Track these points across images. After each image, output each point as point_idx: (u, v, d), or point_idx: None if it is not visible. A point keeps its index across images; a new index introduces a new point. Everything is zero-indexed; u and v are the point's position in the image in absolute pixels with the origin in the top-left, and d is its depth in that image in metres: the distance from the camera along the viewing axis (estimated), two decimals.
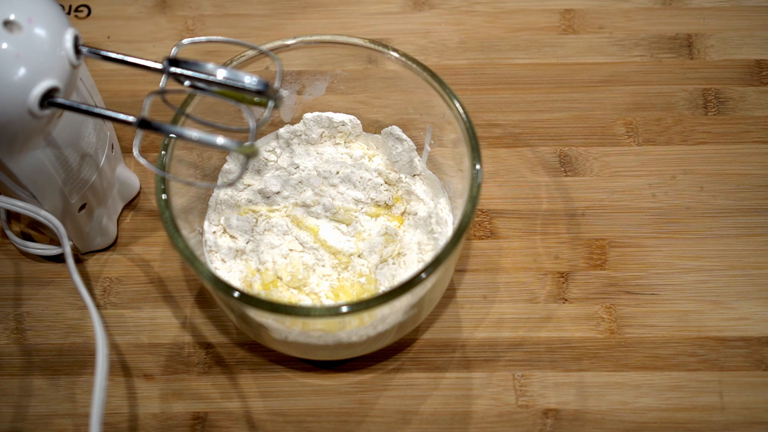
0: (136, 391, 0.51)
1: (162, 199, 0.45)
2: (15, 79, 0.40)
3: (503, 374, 0.51)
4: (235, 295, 0.43)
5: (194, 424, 0.50)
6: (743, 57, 0.62)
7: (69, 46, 0.42)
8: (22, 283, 0.55)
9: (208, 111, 0.49)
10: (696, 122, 0.60)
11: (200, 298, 0.54)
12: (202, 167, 0.52)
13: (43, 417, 0.50)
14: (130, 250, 0.56)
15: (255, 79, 0.41)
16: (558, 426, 0.49)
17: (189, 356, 0.52)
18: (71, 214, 0.51)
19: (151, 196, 0.58)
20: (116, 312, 0.53)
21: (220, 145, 0.40)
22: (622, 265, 0.54)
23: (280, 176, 0.53)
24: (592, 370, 0.51)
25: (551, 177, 0.58)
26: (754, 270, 0.54)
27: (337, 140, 0.55)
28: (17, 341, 0.53)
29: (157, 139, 0.60)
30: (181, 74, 0.42)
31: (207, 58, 0.53)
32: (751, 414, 0.49)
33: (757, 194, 0.57)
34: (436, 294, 0.49)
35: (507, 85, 0.62)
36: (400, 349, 0.52)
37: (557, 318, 0.53)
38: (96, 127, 0.50)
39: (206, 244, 0.52)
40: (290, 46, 0.50)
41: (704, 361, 0.51)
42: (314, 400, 0.51)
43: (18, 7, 0.41)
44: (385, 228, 0.51)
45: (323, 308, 0.42)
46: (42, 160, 0.45)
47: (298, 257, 0.50)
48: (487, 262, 0.55)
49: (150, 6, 0.66)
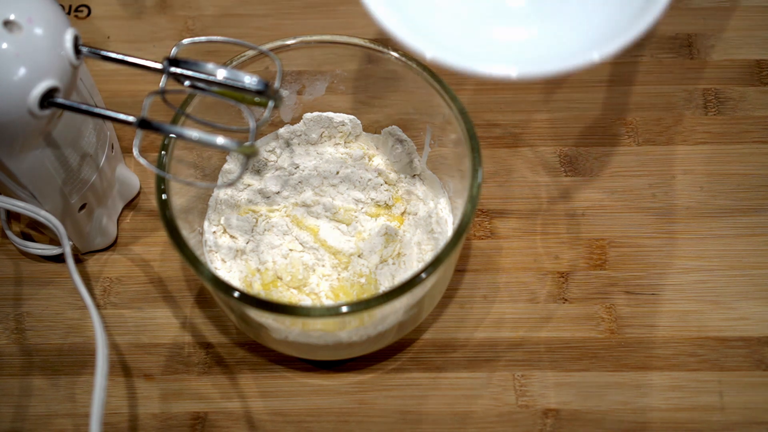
0: (136, 391, 0.51)
1: (162, 199, 0.45)
2: (15, 79, 0.40)
3: (503, 374, 0.51)
4: (235, 295, 0.43)
5: (194, 424, 0.50)
6: (743, 57, 0.62)
7: (69, 46, 0.42)
8: (22, 283, 0.55)
9: (208, 111, 0.49)
10: (696, 122, 0.60)
11: (200, 298, 0.54)
12: (202, 167, 0.52)
13: (43, 417, 0.50)
14: (130, 250, 0.56)
15: (255, 79, 0.41)
16: (558, 426, 0.49)
17: (189, 356, 0.52)
18: (71, 214, 0.51)
19: (151, 196, 0.58)
20: (116, 312, 0.53)
21: (220, 145, 0.40)
22: (622, 265, 0.54)
23: (280, 176, 0.53)
24: (592, 370, 0.51)
25: (551, 177, 0.58)
26: (754, 270, 0.54)
27: (337, 140, 0.55)
28: (17, 341, 0.53)
29: (157, 139, 0.60)
30: (181, 74, 0.42)
31: (207, 58, 0.53)
32: (751, 414, 0.49)
33: (757, 194, 0.57)
34: (436, 294, 0.49)
35: (507, 85, 0.62)
36: (400, 349, 0.52)
37: (557, 318, 0.53)
38: (96, 127, 0.50)
39: (206, 244, 0.52)
40: (290, 46, 0.50)
41: (704, 361, 0.51)
42: (314, 400, 0.51)
43: (18, 7, 0.41)
44: (385, 228, 0.51)
45: (323, 308, 0.43)
46: (42, 160, 0.45)
47: (298, 257, 0.50)
48: (487, 262, 0.55)
49: (150, 6, 0.66)
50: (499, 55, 0.42)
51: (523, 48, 0.43)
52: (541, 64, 0.40)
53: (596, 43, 0.40)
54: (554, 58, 0.40)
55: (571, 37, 0.42)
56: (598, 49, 0.39)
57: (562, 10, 0.43)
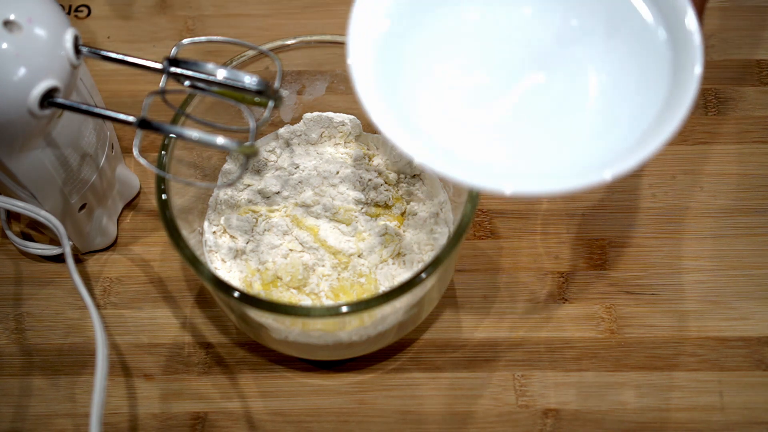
0: (136, 391, 0.51)
1: (162, 199, 0.45)
2: (15, 79, 0.40)
3: (503, 374, 0.51)
4: (235, 295, 0.43)
5: (194, 424, 0.50)
6: (743, 57, 0.62)
7: (69, 46, 0.42)
8: (22, 283, 0.55)
9: (208, 111, 0.49)
10: (696, 122, 0.60)
11: (200, 298, 0.54)
12: (202, 167, 0.52)
13: (43, 417, 0.50)
14: (130, 250, 0.56)
15: (255, 79, 0.41)
16: (558, 426, 0.49)
17: (189, 356, 0.52)
18: (71, 214, 0.51)
19: (151, 196, 0.58)
20: (116, 312, 0.53)
21: (220, 145, 0.40)
22: (622, 265, 0.54)
23: (280, 176, 0.53)
24: (592, 370, 0.51)
25: None
26: (754, 270, 0.54)
27: (337, 140, 0.55)
28: (17, 341, 0.53)
29: (157, 139, 0.60)
30: (181, 74, 0.42)
31: (207, 58, 0.53)
32: (751, 414, 0.49)
33: (757, 194, 0.57)
34: (436, 294, 0.49)
35: None
36: (400, 349, 0.52)
37: (557, 318, 0.53)
38: (96, 127, 0.50)
39: (206, 244, 0.52)
40: (290, 46, 0.50)
41: (704, 361, 0.51)
42: (314, 400, 0.51)
43: (18, 7, 0.41)
44: (385, 228, 0.51)
45: (323, 308, 0.42)
46: (42, 160, 0.45)
47: (298, 257, 0.50)
48: (487, 262, 0.55)
49: (150, 6, 0.66)
50: (499, 166, 0.38)
51: (520, 160, 0.38)
52: (542, 183, 0.36)
53: (589, 161, 0.37)
54: (559, 175, 0.37)
55: (572, 152, 0.38)
56: (611, 167, 0.36)
57: (560, 125, 0.39)
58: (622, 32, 0.40)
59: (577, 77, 0.39)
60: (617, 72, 0.39)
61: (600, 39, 0.40)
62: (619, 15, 0.40)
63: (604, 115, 0.38)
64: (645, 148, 0.36)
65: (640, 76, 0.39)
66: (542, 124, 0.39)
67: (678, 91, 0.37)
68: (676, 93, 0.37)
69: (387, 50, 0.40)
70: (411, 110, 0.39)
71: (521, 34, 0.40)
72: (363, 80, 0.38)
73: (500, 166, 0.38)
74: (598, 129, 0.38)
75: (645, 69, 0.39)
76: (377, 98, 0.38)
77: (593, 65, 0.39)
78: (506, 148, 0.38)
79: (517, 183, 0.36)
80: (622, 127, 0.38)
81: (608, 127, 0.38)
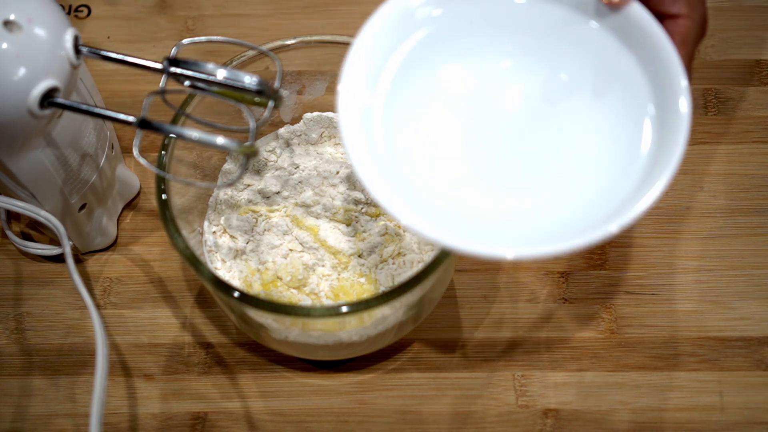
0: (136, 391, 0.51)
1: (162, 199, 0.45)
2: (15, 79, 0.40)
3: (503, 374, 0.51)
4: (235, 295, 0.43)
5: (194, 424, 0.50)
6: (743, 57, 0.62)
7: (69, 46, 0.42)
8: (22, 283, 0.55)
9: (208, 111, 0.49)
10: (696, 122, 0.60)
11: (200, 298, 0.54)
12: (202, 167, 0.52)
13: (43, 417, 0.50)
14: (130, 250, 0.56)
15: (255, 79, 0.41)
16: (558, 426, 0.49)
17: (189, 356, 0.52)
18: (71, 214, 0.51)
19: (151, 196, 0.58)
20: (116, 312, 0.53)
21: (220, 145, 0.40)
22: (622, 265, 0.54)
23: (280, 176, 0.53)
24: (592, 370, 0.51)
25: None
26: (754, 270, 0.54)
27: (337, 140, 0.55)
28: (17, 341, 0.53)
29: (157, 139, 0.60)
30: (181, 74, 0.42)
31: (207, 58, 0.53)
32: (751, 414, 0.49)
33: (757, 194, 0.57)
34: (436, 294, 0.49)
35: None
36: (400, 349, 0.52)
37: (557, 318, 0.53)
38: (96, 127, 0.50)
39: (206, 244, 0.52)
40: (290, 46, 0.50)
41: (704, 361, 0.51)
42: (314, 400, 0.51)
43: (18, 7, 0.41)
44: (385, 228, 0.51)
45: (323, 308, 0.42)
46: (42, 160, 0.45)
47: (298, 257, 0.50)
48: (487, 262, 0.55)
49: (150, 6, 0.66)
50: (497, 227, 0.38)
51: (521, 222, 0.38)
52: (545, 244, 0.36)
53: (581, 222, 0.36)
54: (561, 233, 0.37)
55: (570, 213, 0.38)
56: (616, 222, 0.36)
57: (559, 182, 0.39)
58: (610, 87, 0.40)
59: (569, 134, 0.39)
60: (608, 128, 0.39)
61: (588, 95, 0.40)
62: (606, 69, 0.40)
63: (598, 167, 0.39)
64: (644, 199, 0.36)
65: (631, 130, 0.39)
66: (537, 181, 0.39)
67: (669, 137, 0.37)
68: (667, 138, 0.37)
69: (376, 116, 0.40)
70: (403, 173, 0.39)
71: (510, 92, 0.40)
72: (357, 152, 0.38)
73: (499, 226, 0.38)
74: (595, 181, 0.38)
75: (635, 122, 0.39)
76: (371, 166, 0.38)
77: (582, 121, 0.40)
78: (501, 207, 0.38)
79: (518, 248, 0.36)
80: (619, 176, 0.38)
81: (606, 177, 0.38)
